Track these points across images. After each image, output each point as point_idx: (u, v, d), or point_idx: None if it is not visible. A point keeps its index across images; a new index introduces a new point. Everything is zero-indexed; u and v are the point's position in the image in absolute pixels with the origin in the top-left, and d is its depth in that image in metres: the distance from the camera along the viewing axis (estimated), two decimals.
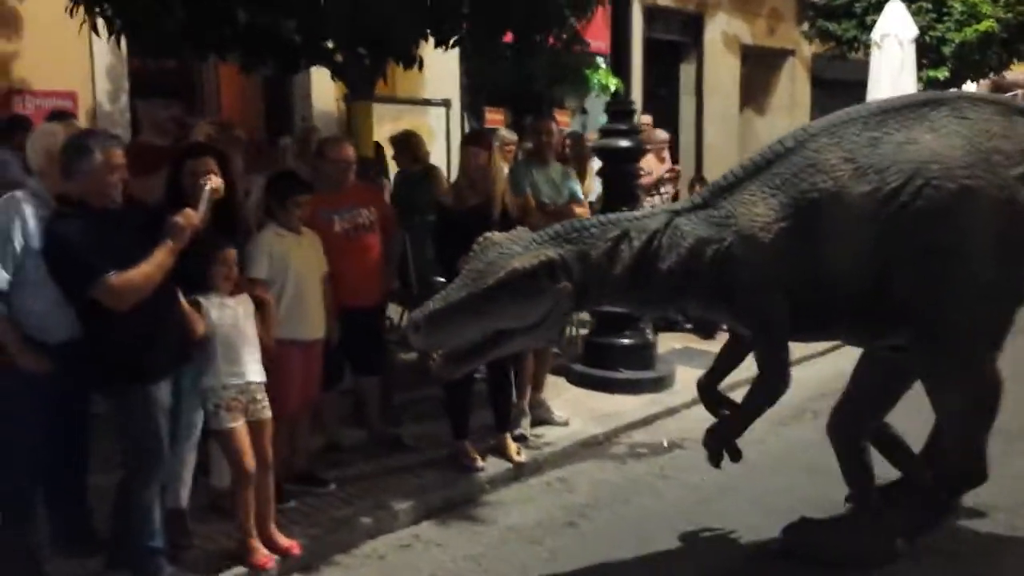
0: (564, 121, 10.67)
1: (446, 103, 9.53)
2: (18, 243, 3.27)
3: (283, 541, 3.88)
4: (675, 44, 13.41)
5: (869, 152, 3.46)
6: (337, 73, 5.66)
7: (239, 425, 3.76)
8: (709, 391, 4.08)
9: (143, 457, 3.40)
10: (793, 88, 15.07)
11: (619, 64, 6.14)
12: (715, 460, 3.84)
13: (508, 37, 5.73)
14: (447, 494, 4.57)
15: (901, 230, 3.42)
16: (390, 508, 4.35)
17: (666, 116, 13.32)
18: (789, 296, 3.46)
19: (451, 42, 5.63)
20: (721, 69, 13.74)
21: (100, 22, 5.21)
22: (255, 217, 4.47)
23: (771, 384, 3.60)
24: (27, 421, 3.39)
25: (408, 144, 6.71)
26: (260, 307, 4.07)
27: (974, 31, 10.56)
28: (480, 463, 4.80)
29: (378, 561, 4.02)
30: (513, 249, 3.34)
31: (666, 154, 9.34)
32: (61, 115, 4.79)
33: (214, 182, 3.53)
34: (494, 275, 3.26)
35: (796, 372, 3.66)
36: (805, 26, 13.11)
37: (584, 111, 12.17)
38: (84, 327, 3.34)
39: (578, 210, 5.45)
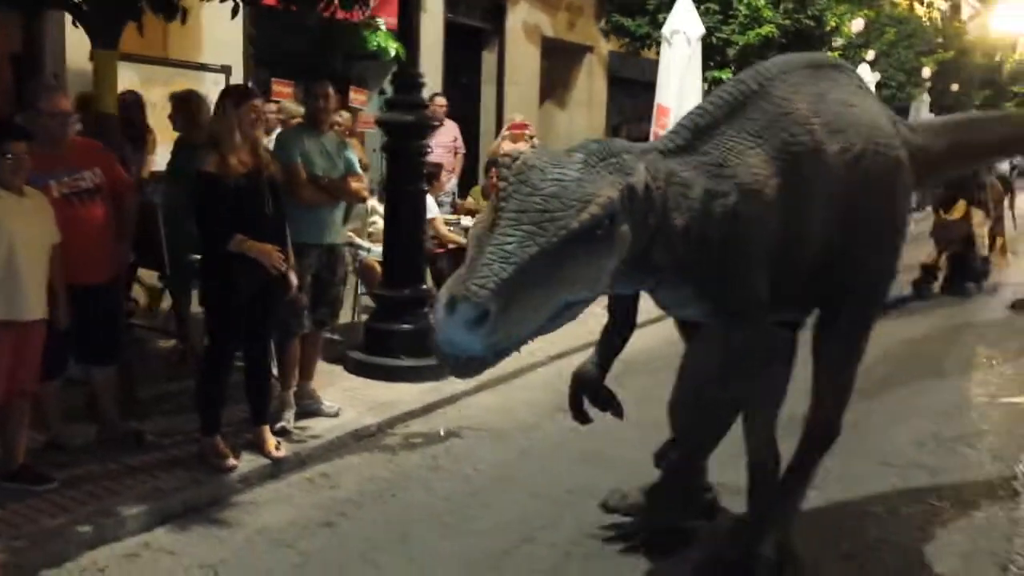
0: (362, 100, 10.27)
1: (226, 69, 8.83)
2: None
3: None
4: (478, 30, 13.26)
5: (825, 108, 3.17)
6: (79, 19, 4.95)
7: None
8: (594, 385, 3.49)
9: None
10: (591, 84, 15.33)
11: (406, 34, 5.78)
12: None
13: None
14: (188, 496, 4.04)
15: (858, 196, 3.20)
16: (117, 514, 3.77)
17: (468, 102, 13.23)
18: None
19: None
20: (522, 59, 13.71)
21: None
22: None
23: (749, 377, 3.09)
24: None
25: (188, 105, 5.95)
26: None
27: (756, 35, 11.03)
28: (232, 461, 4.28)
29: (96, 575, 3.45)
30: (570, 174, 2.47)
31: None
32: None
33: None
34: (575, 214, 2.38)
35: (574, 358, 3.50)
36: (603, 22, 13.32)
37: (383, 91, 11.80)
38: None
39: (355, 184, 5.03)
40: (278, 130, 5.85)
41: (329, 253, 4.88)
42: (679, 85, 9.16)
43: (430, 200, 6.61)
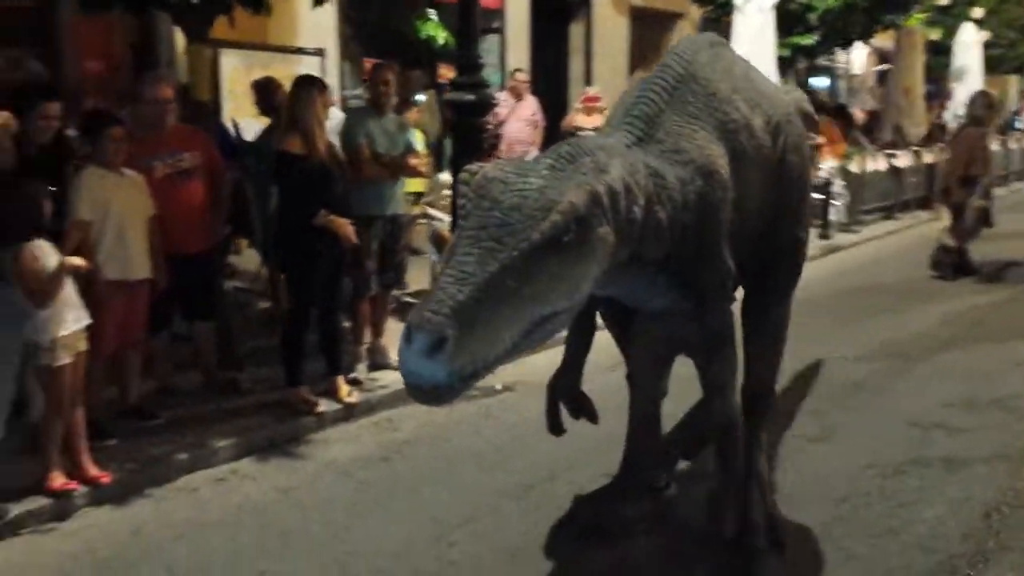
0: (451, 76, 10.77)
1: (320, 52, 9.50)
2: None
3: (93, 471, 4.01)
4: (565, 3, 13.55)
5: (738, 85, 3.21)
6: (172, 16, 5.64)
7: (65, 362, 3.86)
8: (570, 391, 3.48)
9: None
10: None
11: (464, 19, 6.24)
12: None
13: None
14: (271, 433, 4.74)
15: (781, 165, 3.31)
16: (210, 446, 4.50)
17: (556, 75, 13.58)
18: None
19: None
20: (610, 30, 13.94)
21: None
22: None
23: (731, 355, 3.16)
24: None
25: (267, 89, 6.66)
26: (82, 248, 4.17)
27: None
28: (314, 407, 4.96)
29: (190, 494, 4.17)
30: (532, 182, 2.38)
31: (538, 119, 9.78)
32: None
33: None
34: (536, 224, 2.29)
35: None
36: None
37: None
38: None
39: (413, 161, 5.60)
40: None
41: (392, 223, 5.47)
42: (749, 53, 9.30)
43: None
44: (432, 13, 7.34)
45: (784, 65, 11.24)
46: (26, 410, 4.11)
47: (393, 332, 6.01)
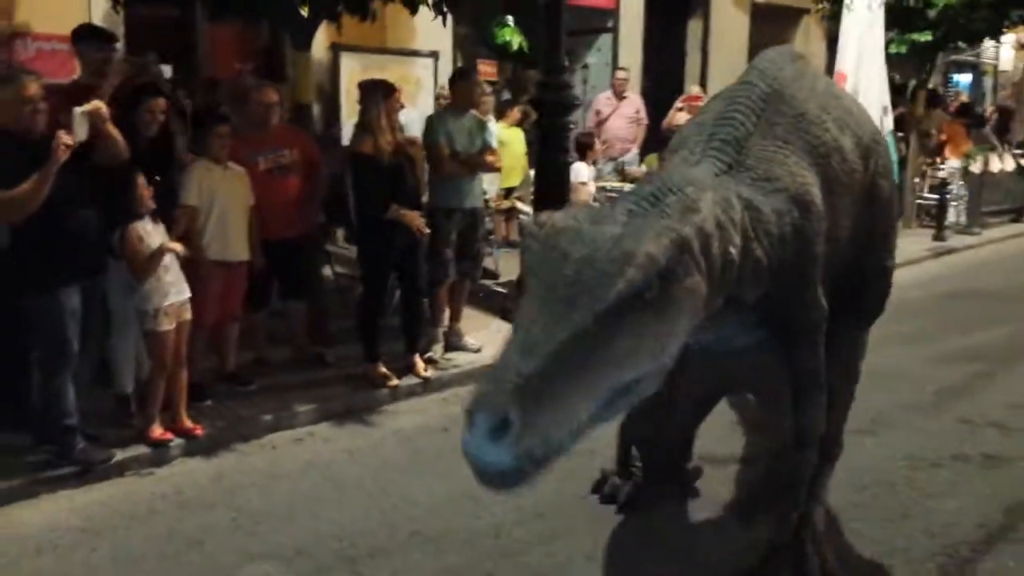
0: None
1: (434, 55, 10.04)
2: None
3: (188, 425, 4.62)
4: (683, 1, 13.62)
5: (826, 103, 3.01)
6: (279, 26, 6.25)
7: (170, 328, 4.48)
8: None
9: (48, 354, 4.12)
10: (808, 48, 15.08)
11: (550, 22, 6.56)
12: None
13: None
14: (348, 402, 5.26)
15: (872, 191, 3.12)
16: (293, 410, 5.06)
17: (670, 73, 13.66)
18: None
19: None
20: (729, 26, 13.85)
21: None
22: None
23: (823, 400, 2.94)
24: None
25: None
26: (189, 231, 4.80)
27: None
28: (389, 381, 5.45)
29: (270, 450, 4.73)
30: (608, 231, 2.12)
31: (641, 117, 10.00)
32: None
33: (91, 106, 4.12)
34: (611, 281, 2.01)
35: None
36: None
37: (585, 66, 12.60)
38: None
39: (489, 158, 5.99)
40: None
41: (470, 215, 5.89)
42: (857, 52, 9.18)
43: (583, 167, 7.44)
44: (508, 19, 7.70)
45: (904, 62, 10.96)
46: (113, 380, 4.75)
47: (470, 318, 6.47)
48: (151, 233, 4.39)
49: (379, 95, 5.31)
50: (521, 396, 1.86)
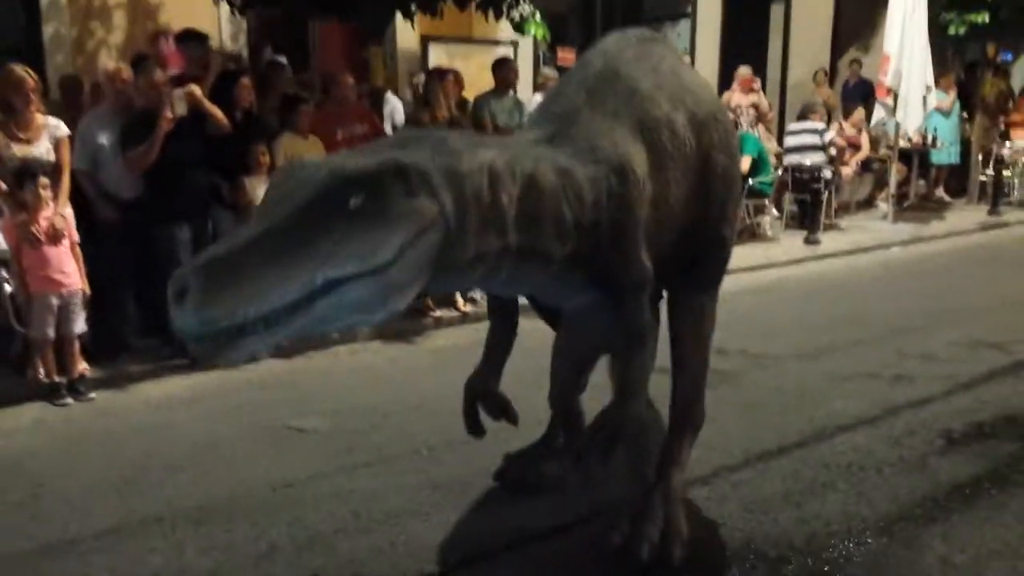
0: (570, 59, 11.97)
1: (514, 43, 11.21)
2: (98, 139, 5.54)
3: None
4: None
5: (663, 81, 3.22)
6: (359, 23, 7.61)
7: None
8: (488, 394, 3.48)
9: (164, 274, 5.59)
10: None
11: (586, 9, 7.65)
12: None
13: None
14: (399, 326, 6.60)
15: (706, 164, 3.30)
16: (355, 329, 6.43)
17: (753, 56, 14.23)
18: None
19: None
20: (812, 9, 14.22)
21: None
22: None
23: (647, 357, 3.17)
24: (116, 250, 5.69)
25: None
26: None
27: None
28: (432, 312, 6.77)
29: (332, 356, 6.14)
30: (337, 160, 2.46)
31: (756, 86, 10.84)
32: (141, 60, 6.85)
33: (185, 90, 5.61)
34: (311, 187, 2.23)
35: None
36: None
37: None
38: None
39: None
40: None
41: None
42: (900, 34, 9.78)
43: None
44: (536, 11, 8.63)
45: (961, 44, 11.32)
46: None
47: None
48: (256, 187, 5.84)
49: (435, 78, 6.63)
50: (203, 270, 2.08)
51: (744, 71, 10.66)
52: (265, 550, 3.50)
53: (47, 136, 5.25)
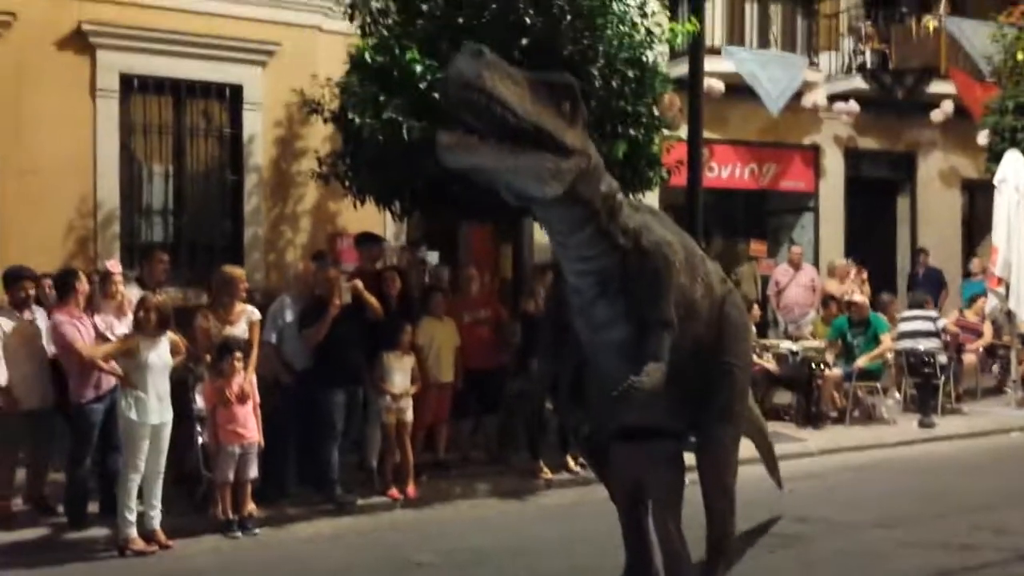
0: (761, 250, 13.01)
1: None
2: (285, 318, 7.02)
3: (411, 490, 7.14)
4: (886, 180, 14.89)
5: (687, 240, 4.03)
6: (489, 223, 9.01)
7: (391, 422, 7.13)
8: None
9: (323, 434, 6.87)
10: None
11: (689, 199, 8.68)
12: None
13: None
14: (514, 485, 7.57)
15: (720, 308, 4.01)
16: (474, 487, 7.45)
17: (881, 245, 14.74)
18: None
19: None
20: (938, 201, 14.75)
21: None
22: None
23: (663, 371, 3.62)
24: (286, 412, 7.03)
25: None
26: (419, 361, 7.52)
27: None
28: (544, 474, 7.68)
29: (454, 508, 7.15)
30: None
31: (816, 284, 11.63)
32: (320, 256, 8.51)
33: (351, 283, 7.05)
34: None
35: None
36: None
37: (792, 241, 14.22)
38: None
39: None
40: None
41: None
42: (1007, 228, 10.30)
43: None
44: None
45: None
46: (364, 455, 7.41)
47: None
48: (392, 363, 7.11)
49: (537, 273, 7.87)
50: (496, 61, 3.07)
51: (839, 262, 11.39)
52: None
53: (245, 319, 6.76)
